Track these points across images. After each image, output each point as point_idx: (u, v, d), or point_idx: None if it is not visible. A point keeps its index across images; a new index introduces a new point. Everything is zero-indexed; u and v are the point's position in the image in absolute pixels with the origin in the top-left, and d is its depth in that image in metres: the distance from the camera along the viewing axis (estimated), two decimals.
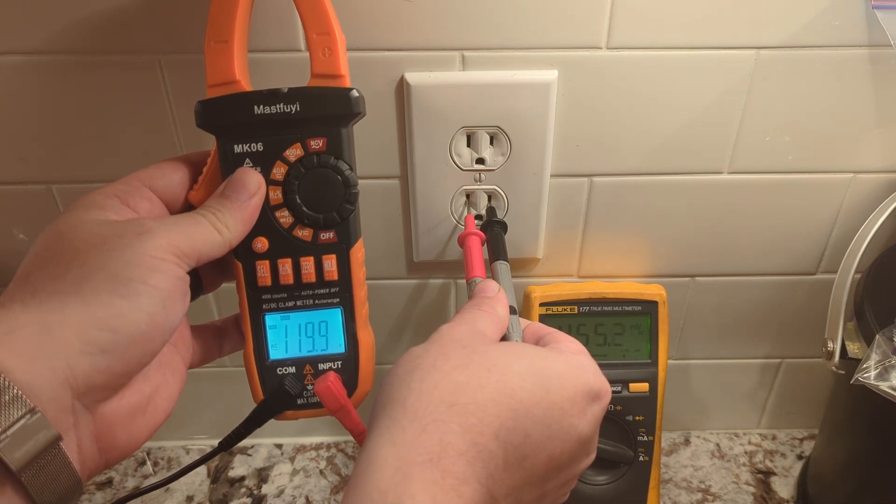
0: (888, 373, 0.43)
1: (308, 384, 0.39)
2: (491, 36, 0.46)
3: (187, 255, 0.33)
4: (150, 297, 0.31)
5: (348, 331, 0.39)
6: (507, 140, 0.49)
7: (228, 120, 0.36)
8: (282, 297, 0.38)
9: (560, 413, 0.32)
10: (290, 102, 0.36)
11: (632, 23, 0.45)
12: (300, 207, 0.37)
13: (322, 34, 0.36)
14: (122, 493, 0.63)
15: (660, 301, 0.55)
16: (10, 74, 0.47)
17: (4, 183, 0.52)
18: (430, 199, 0.52)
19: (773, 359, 0.64)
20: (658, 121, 0.50)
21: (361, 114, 0.37)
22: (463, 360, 0.32)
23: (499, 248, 0.46)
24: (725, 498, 0.63)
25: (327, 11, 0.36)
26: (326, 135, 0.37)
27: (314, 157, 0.37)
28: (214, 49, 0.36)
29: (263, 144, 0.37)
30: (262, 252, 0.38)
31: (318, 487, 0.64)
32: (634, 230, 0.55)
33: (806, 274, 0.58)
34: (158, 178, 0.36)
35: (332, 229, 0.38)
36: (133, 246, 0.31)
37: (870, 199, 0.53)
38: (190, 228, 0.33)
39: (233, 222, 0.35)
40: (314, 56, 0.36)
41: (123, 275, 0.30)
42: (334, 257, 0.38)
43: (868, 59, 0.47)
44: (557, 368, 0.33)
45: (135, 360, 0.31)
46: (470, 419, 0.29)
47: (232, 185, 0.36)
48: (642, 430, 0.55)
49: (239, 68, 0.36)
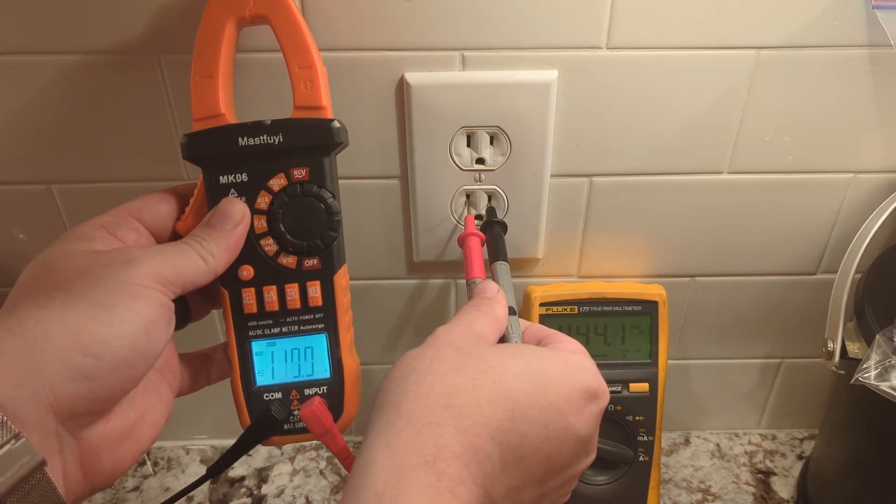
0: (888, 373, 0.43)
1: (294, 409, 0.40)
2: (491, 36, 0.46)
3: (172, 282, 0.33)
4: (133, 324, 0.31)
5: (333, 356, 0.40)
6: (507, 140, 0.49)
7: (213, 152, 0.38)
8: (268, 324, 0.39)
9: (557, 413, 0.32)
10: (273, 134, 0.37)
11: (632, 23, 0.45)
12: (284, 235, 0.38)
13: (304, 68, 0.38)
14: (121, 493, 0.63)
15: (660, 301, 0.55)
16: (10, 74, 0.47)
17: (4, 183, 0.52)
18: (430, 199, 0.52)
19: (773, 359, 0.64)
20: (658, 121, 0.50)
21: (343, 143, 0.38)
22: (458, 363, 0.32)
23: (499, 248, 0.46)
24: (725, 498, 0.63)
25: (309, 46, 0.38)
26: (309, 164, 0.38)
27: (297, 187, 0.38)
28: (200, 84, 0.38)
29: (248, 175, 0.38)
30: (247, 280, 0.38)
31: (318, 487, 0.64)
32: (634, 230, 0.55)
33: (806, 274, 0.58)
34: (146, 209, 0.37)
35: (315, 256, 0.39)
36: (117, 274, 0.32)
37: (870, 199, 0.53)
38: (175, 257, 0.34)
39: (218, 250, 0.36)
40: (296, 88, 0.38)
41: (107, 302, 0.31)
42: (318, 283, 0.39)
43: (868, 59, 0.47)
44: (554, 368, 0.33)
45: (118, 386, 0.31)
46: (465, 421, 0.29)
47: (217, 215, 0.37)
48: (642, 430, 0.55)
49: (224, 102, 0.38)
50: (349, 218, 0.54)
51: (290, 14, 0.38)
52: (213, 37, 0.38)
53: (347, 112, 0.48)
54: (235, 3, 0.38)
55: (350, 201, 0.53)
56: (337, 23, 0.45)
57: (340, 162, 0.51)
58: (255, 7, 0.38)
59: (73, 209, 0.53)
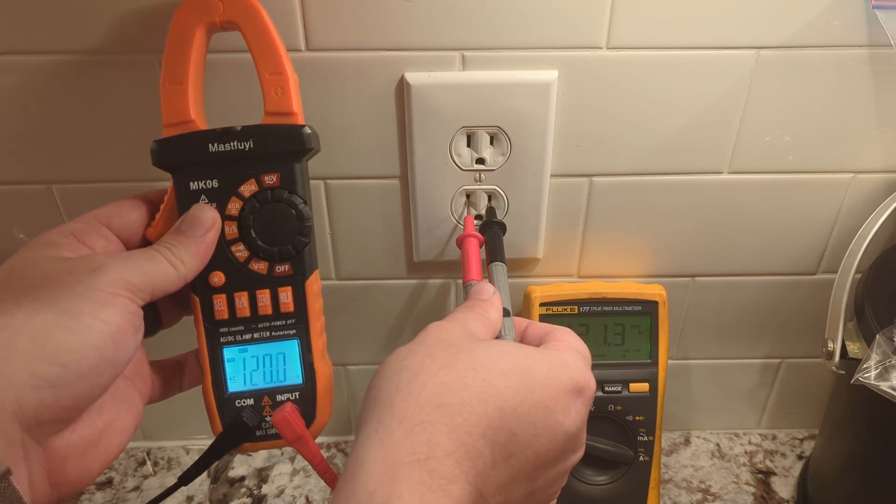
0: (888, 373, 0.43)
1: (266, 416, 0.40)
2: (491, 36, 0.46)
3: (140, 289, 0.33)
4: (100, 332, 0.31)
5: (305, 362, 0.40)
6: (507, 140, 0.49)
7: (183, 158, 0.37)
8: (239, 330, 0.39)
9: (545, 411, 0.32)
10: (243, 140, 0.37)
11: (632, 23, 0.45)
12: (255, 241, 0.38)
13: (274, 74, 0.38)
14: (121, 493, 0.63)
15: (660, 301, 0.55)
16: (10, 74, 0.47)
17: (4, 183, 0.52)
18: (430, 199, 0.52)
19: (773, 359, 0.64)
20: (658, 121, 0.50)
21: (315, 149, 0.38)
22: (449, 360, 0.32)
23: (496, 249, 0.46)
24: (725, 498, 0.63)
25: (279, 51, 0.38)
26: (280, 170, 0.38)
27: (268, 192, 0.38)
28: (169, 90, 0.38)
29: (218, 181, 0.38)
30: (218, 286, 0.38)
31: (318, 487, 0.64)
32: (634, 230, 0.55)
33: (806, 274, 0.58)
34: (116, 216, 0.37)
35: (287, 262, 0.39)
36: (84, 281, 0.32)
37: (870, 199, 0.53)
38: (144, 263, 0.34)
39: (188, 257, 0.36)
40: (267, 95, 0.38)
41: (73, 310, 0.31)
42: (290, 289, 0.39)
43: (868, 59, 0.47)
44: (542, 367, 0.33)
45: (84, 394, 0.31)
46: (457, 419, 0.30)
47: (187, 221, 0.37)
48: (642, 430, 0.55)
49: (194, 108, 0.38)
50: (349, 218, 0.54)
51: (260, 20, 0.38)
52: (182, 43, 0.38)
53: (347, 112, 0.49)
54: (205, 9, 0.38)
55: (350, 201, 0.53)
56: (337, 23, 0.45)
57: (340, 162, 0.51)
58: (224, 13, 0.38)
59: (73, 209, 0.53)
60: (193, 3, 0.38)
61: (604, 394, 0.55)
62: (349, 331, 0.61)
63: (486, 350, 0.33)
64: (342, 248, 0.56)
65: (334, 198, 0.53)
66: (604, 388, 0.55)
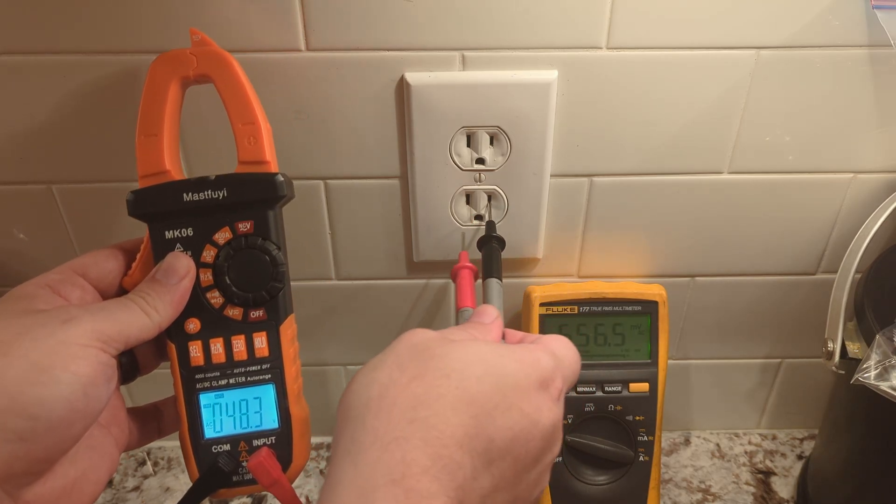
0: (888, 373, 0.43)
1: (243, 461, 0.40)
2: (491, 36, 0.46)
3: (114, 339, 0.33)
4: (71, 384, 0.31)
5: (281, 406, 0.40)
6: (507, 140, 0.49)
7: (159, 208, 0.38)
8: (215, 376, 0.39)
9: (519, 414, 0.31)
10: (217, 189, 0.38)
11: (632, 23, 0.45)
12: (230, 288, 0.39)
13: (247, 124, 0.39)
14: (121, 493, 0.63)
15: (660, 301, 0.55)
16: (10, 74, 0.47)
17: (4, 183, 0.52)
18: (430, 199, 0.52)
19: (773, 359, 0.64)
20: (658, 121, 0.50)
21: (288, 196, 0.39)
22: (419, 369, 0.31)
23: (492, 265, 0.45)
24: (725, 498, 0.63)
25: (251, 102, 0.39)
26: (254, 217, 0.38)
27: (242, 239, 0.39)
28: (145, 142, 0.39)
29: (193, 229, 0.38)
30: (194, 332, 0.39)
31: (318, 487, 0.64)
32: (634, 230, 0.55)
33: (806, 274, 0.58)
34: (92, 265, 0.37)
35: (261, 307, 0.39)
36: (55, 334, 0.32)
37: (870, 199, 0.53)
38: (117, 313, 0.34)
39: (162, 305, 0.36)
40: (240, 144, 0.39)
41: (45, 363, 0.31)
42: (265, 334, 0.39)
43: (868, 59, 0.47)
44: (512, 367, 0.32)
45: (55, 446, 0.32)
46: (432, 432, 0.29)
47: (162, 270, 0.37)
48: (642, 430, 0.55)
49: (169, 159, 0.39)
50: (349, 218, 0.54)
51: (232, 73, 0.39)
52: (157, 96, 0.39)
53: (347, 112, 0.49)
54: (180, 64, 0.39)
55: (350, 201, 0.53)
56: (337, 23, 0.45)
57: (340, 162, 0.51)
58: (198, 67, 0.39)
59: (73, 209, 0.53)
60: (168, 57, 0.39)
61: (604, 394, 0.55)
62: (349, 331, 0.61)
63: (459, 354, 0.32)
64: (342, 248, 0.56)
65: (334, 198, 0.53)
66: (604, 388, 0.55)
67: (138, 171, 0.39)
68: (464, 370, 0.31)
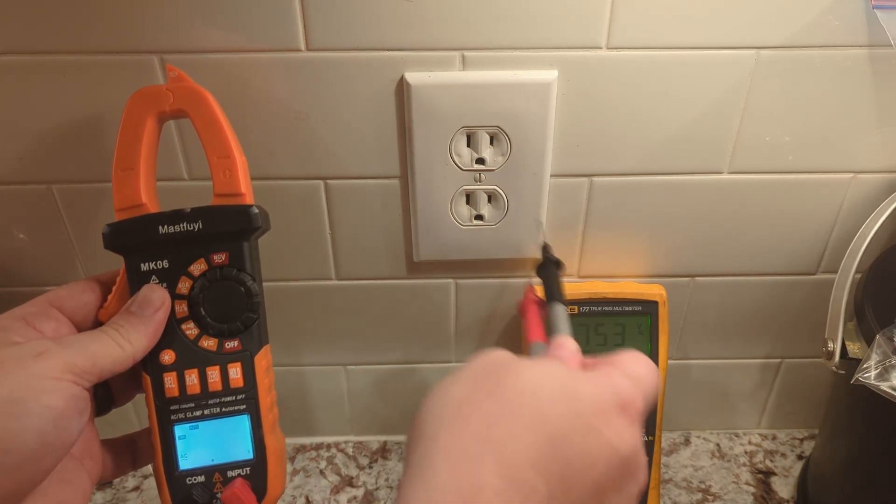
0: (888, 373, 0.43)
1: (217, 492, 0.40)
2: (491, 36, 0.46)
3: (87, 371, 0.34)
4: (41, 417, 0.31)
5: (256, 437, 0.40)
6: (507, 140, 0.49)
7: (135, 240, 0.39)
8: (190, 407, 0.39)
9: (597, 436, 0.30)
10: (192, 221, 0.38)
11: (632, 23, 0.45)
12: (205, 319, 0.39)
13: (222, 157, 0.39)
14: (121, 493, 0.63)
15: (660, 301, 0.55)
16: (10, 74, 0.47)
17: (4, 183, 0.52)
18: (430, 199, 0.52)
19: (773, 359, 0.64)
20: (658, 121, 0.50)
21: (262, 228, 0.39)
22: (494, 386, 0.30)
23: (554, 288, 0.45)
24: (725, 498, 0.63)
25: (227, 136, 0.39)
26: (229, 249, 0.39)
27: (217, 271, 0.39)
28: (121, 176, 0.39)
29: (169, 261, 0.39)
30: (169, 364, 0.39)
31: (318, 487, 0.64)
32: (634, 230, 0.55)
33: (806, 274, 0.58)
34: (67, 298, 0.38)
35: (236, 338, 0.39)
36: (28, 367, 0.32)
37: (870, 199, 0.53)
38: (91, 345, 0.35)
39: (136, 336, 0.36)
40: (216, 177, 0.39)
41: (16, 395, 0.31)
42: (239, 365, 0.39)
43: (868, 59, 0.47)
44: (588, 389, 0.31)
45: (26, 479, 0.32)
46: (505, 452, 0.28)
47: (137, 302, 0.38)
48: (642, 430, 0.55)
49: (145, 192, 0.39)
50: (349, 218, 0.54)
51: (208, 108, 0.40)
52: (134, 131, 0.40)
53: (347, 112, 0.49)
54: (156, 99, 0.40)
55: (350, 201, 0.53)
56: (337, 22, 0.45)
57: (340, 162, 0.51)
58: (174, 102, 0.40)
59: (73, 209, 0.53)
60: (145, 93, 0.40)
61: None
62: (349, 331, 0.61)
63: (533, 373, 0.31)
64: (342, 248, 0.56)
65: (334, 198, 0.53)
66: None
67: (115, 204, 0.39)
68: (538, 389, 0.30)
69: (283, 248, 0.55)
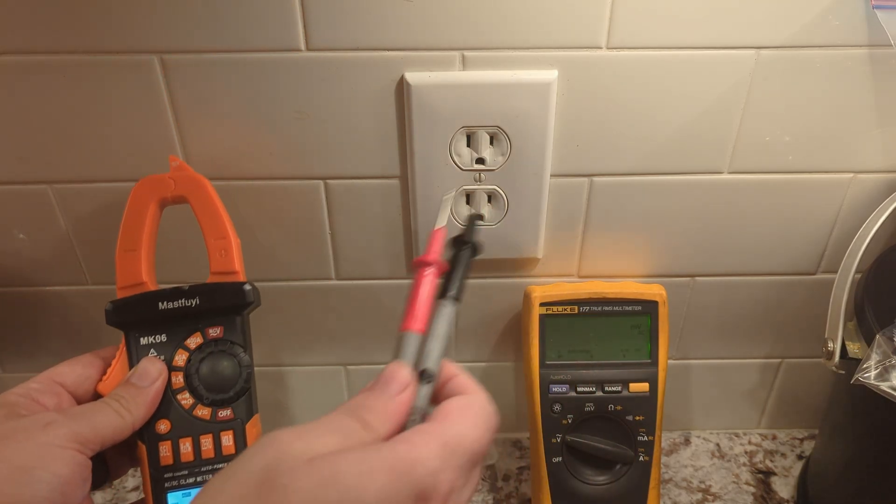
0: (888, 373, 0.43)
1: None
2: (491, 36, 0.46)
3: (90, 440, 0.36)
4: (49, 484, 0.33)
5: None
6: (507, 140, 0.49)
7: (135, 316, 0.42)
8: (183, 475, 0.41)
9: None
10: (190, 297, 0.41)
11: (632, 23, 0.45)
12: (200, 389, 0.41)
13: (219, 239, 0.43)
14: (121, 493, 0.63)
15: (660, 301, 0.55)
16: (10, 74, 0.47)
17: (4, 183, 0.52)
18: (430, 199, 0.52)
19: (773, 359, 0.64)
20: (658, 121, 0.50)
21: (254, 303, 0.43)
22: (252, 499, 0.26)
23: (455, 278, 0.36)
24: (725, 498, 0.63)
25: (223, 220, 0.43)
26: (223, 323, 0.42)
27: (212, 344, 0.42)
28: (124, 256, 0.43)
29: (167, 335, 0.42)
30: (164, 433, 0.41)
31: None
32: (634, 230, 0.55)
33: (806, 274, 0.58)
34: (69, 373, 0.40)
35: (229, 407, 0.42)
36: (37, 437, 0.34)
37: (870, 199, 0.53)
38: (93, 416, 0.37)
39: (135, 406, 0.39)
40: (212, 257, 0.43)
41: (27, 464, 0.33)
42: (231, 433, 0.42)
43: (868, 59, 0.47)
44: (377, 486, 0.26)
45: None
46: None
47: (137, 374, 0.40)
48: (642, 430, 0.55)
49: (146, 271, 0.43)
50: (349, 218, 0.54)
51: (207, 194, 0.43)
52: (138, 215, 0.43)
53: (347, 112, 0.49)
54: (159, 187, 0.44)
55: (350, 201, 0.53)
56: (337, 22, 0.45)
57: (340, 162, 0.51)
58: (175, 189, 0.43)
59: (72, 209, 0.53)
60: (149, 181, 0.44)
61: (604, 394, 0.55)
62: (349, 331, 0.61)
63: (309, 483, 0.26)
64: (342, 248, 0.56)
65: (334, 198, 0.53)
66: (604, 388, 0.55)
67: (117, 282, 0.42)
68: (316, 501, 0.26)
69: (283, 247, 0.55)
